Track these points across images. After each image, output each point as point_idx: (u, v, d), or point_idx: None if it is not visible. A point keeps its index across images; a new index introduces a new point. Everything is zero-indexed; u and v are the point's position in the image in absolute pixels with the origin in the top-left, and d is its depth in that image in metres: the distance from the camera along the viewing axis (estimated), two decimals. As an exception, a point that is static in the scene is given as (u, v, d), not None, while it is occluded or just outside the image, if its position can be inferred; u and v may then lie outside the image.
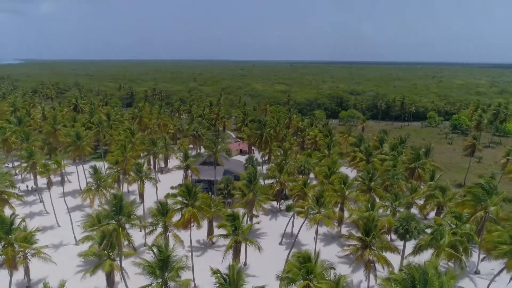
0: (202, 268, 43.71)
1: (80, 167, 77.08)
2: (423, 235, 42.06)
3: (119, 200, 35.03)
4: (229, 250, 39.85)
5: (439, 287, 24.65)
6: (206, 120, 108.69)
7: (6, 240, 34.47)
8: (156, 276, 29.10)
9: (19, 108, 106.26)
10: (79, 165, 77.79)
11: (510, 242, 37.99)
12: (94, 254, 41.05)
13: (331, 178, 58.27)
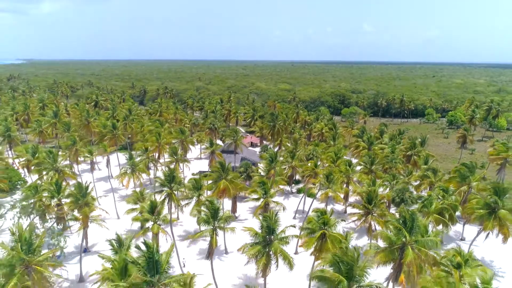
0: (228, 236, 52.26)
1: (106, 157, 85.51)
2: (416, 204, 50.72)
3: (172, 172, 43.75)
4: (259, 210, 48.51)
5: (423, 226, 33.31)
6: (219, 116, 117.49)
7: (83, 200, 43.16)
8: (209, 223, 37.89)
9: (47, 104, 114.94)
10: (105, 156, 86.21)
11: (486, 207, 46.61)
12: (144, 219, 49.70)
13: (337, 163, 66.96)
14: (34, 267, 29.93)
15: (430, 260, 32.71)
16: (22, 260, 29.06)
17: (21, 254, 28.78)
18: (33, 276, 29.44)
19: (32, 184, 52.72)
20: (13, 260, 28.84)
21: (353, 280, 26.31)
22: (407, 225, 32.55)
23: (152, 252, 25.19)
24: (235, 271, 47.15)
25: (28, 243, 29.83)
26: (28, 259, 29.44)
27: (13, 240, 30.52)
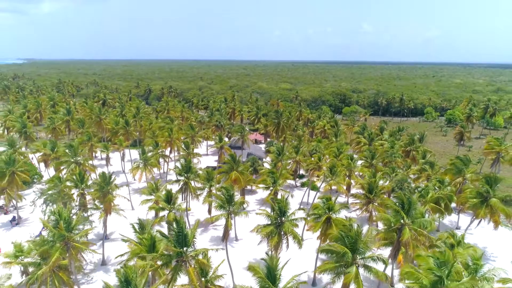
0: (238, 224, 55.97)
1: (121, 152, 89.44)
2: (414, 194, 54.26)
3: (189, 162, 47.42)
4: (270, 197, 52.28)
5: (419, 213, 36.96)
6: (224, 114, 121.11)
7: (107, 188, 46.86)
8: (224, 208, 41.63)
9: (58, 103, 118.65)
10: (121, 150, 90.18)
11: (478, 196, 50.25)
12: (160, 208, 53.32)
13: (339, 157, 70.62)
14: (72, 244, 33.60)
15: (425, 240, 36.34)
16: (62, 237, 32.72)
17: (62, 231, 32.41)
18: (71, 252, 33.07)
19: (55, 175, 56.41)
20: (55, 237, 32.47)
21: (356, 252, 29.96)
22: (405, 208, 36.21)
23: (182, 227, 28.81)
24: (246, 255, 50.78)
25: (68, 222, 33.49)
26: (68, 236, 33.11)
27: (54, 220, 34.12)
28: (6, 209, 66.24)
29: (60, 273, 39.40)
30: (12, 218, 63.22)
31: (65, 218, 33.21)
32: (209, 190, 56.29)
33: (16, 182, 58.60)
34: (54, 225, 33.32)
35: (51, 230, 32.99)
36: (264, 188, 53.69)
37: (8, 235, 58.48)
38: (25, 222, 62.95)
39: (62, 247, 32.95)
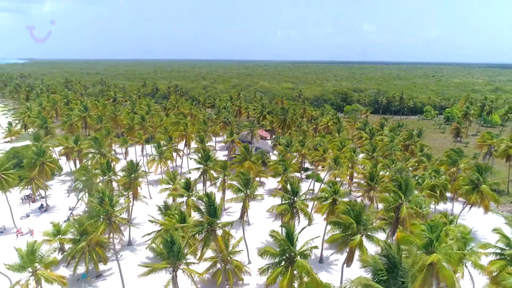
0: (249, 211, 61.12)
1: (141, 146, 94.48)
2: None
3: (208, 152, 52.48)
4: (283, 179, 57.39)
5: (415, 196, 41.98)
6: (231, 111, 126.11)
7: (135, 175, 51.93)
8: (242, 191, 46.70)
9: (71, 100, 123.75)
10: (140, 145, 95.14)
11: (470, 183, 55.21)
12: (179, 195, 58.31)
13: (342, 150, 75.61)
14: (113, 218, 38.62)
15: (420, 218, 41.32)
16: (106, 212, 37.74)
17: (107, 207, 37.44)
18: (113, 225, 38.07)
19: (82, 165, 61.53)
20: (100, 212, 37.47)
21: (360, 223, 34.96)
22: (402, 188, 41.22)
23: (213, 201, 33.84)
24: (258, 238, 55.77)
25: (110, 199, 38.51)
26: (111, 211, 38.16)
27: (99, 197, 39.15)
28: (34, 198, 71.39)
29: (97, 248, 44.64)
30: (40, 205, 68.42)
31: (108, 196, 38.22)
32: (223, 179, 61.36)
33: (45, 172, 63.69)
34: (99, 202, 38.33)
35: (96, 206, 37.99)
36: (275, 175, 58.69)
37: (38, 220, 63.65)
38: (52, 209, 68.12)
39: (106, 221, 37.98)
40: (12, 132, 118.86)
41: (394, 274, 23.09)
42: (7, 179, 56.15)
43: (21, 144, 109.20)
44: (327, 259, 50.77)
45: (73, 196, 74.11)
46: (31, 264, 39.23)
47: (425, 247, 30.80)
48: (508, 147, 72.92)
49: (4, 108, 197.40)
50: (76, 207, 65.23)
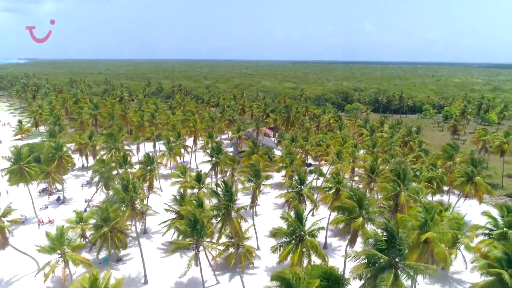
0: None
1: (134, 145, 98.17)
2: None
3: (219, 145, 56.08)
4: (288, 175, 60.95)
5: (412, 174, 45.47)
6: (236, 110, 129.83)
7: (151, 167, 55.54)
8: (252, 181, 50.29)
9: (80, 99, 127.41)
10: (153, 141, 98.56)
11: (465, 175, 58.73)
12: (190, 186, 61.80)
13: (344, 146, 79.17)
14: (137, 204, 42.18)
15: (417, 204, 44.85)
16: (131, 198, 41.33)
17: (132, 193, 41.04)
18: (136, 210, 41.60)
19: (99, 158, 65.12)
20: (125, 198, 41.05)
21: (363, 208, 38.52)
22: (401, 177, 44.80)
23: (229, 186, 37.41)
24: (265, 227, 58.98)
25: (134, 186, 42.08)
26: (135, 197, 41.76)
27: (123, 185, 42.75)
28: (50, 191, 75.00)
29: (118, 234, 48.24)
30: (57, 197, 72.06)
31: (131, 183, 41.83)
32: (232, 172, 64.98)
33: (63, 166, 67.32)
34: (123, 189, 41.92)
35: (121, 193, 41.55)
36: (280, 169, 62.34)
37: (56, 211, 67.25)
38: (69, 201, 71.75)
39: (130, 206, 41.57)
40: (22, 130, 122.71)
41: (393, 244, 26.62)
42: (30, 172, 59.72)
43: (33, 141, 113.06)
44: (331, 245, 54.31)
45: (87, 189, 77.95)
46: (61, 247, 42.85)
47: (420, 227, 34.35)
48: (502, 142, 76.52)
49: (11, 107, 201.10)
50: (92, 199, 68.81)
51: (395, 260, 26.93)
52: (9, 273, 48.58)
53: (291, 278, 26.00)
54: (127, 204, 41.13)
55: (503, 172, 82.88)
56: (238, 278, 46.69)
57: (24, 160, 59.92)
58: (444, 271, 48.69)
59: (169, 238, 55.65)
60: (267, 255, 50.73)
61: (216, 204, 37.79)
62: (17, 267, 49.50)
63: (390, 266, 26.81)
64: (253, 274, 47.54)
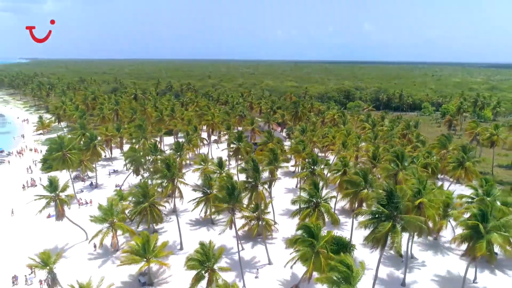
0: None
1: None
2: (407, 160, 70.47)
3: (240, 133, 63.88)
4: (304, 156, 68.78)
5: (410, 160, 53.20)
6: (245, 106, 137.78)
7: (180, 153, 63.34)
8: (272, 164, 58.24)
9: (98, 96, 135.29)
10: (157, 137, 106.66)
11: (456, 161, 66.42)
12: (212, 171, 69.44)
13: (349, 137, 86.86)
14: (177, 180, 49.96)
15: (413, 182, 52.56)
16: (172, 174, 49.12)
17: (174, 169, 48.84)
18: (177, 185, 49.32)
19: (131, 147, 72.96)
20: (167, 175, 48.83)
21: (367, 182, 46.27)
22: (399, 158, 52.55)
23: (256, 163, 45.22)
24: (279, 207, 66.91)
25: (174, 166, 49.85)
26: (175, 174, 49.58)
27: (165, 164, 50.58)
28: (83, 177, 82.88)
29: (155, 209, 56.00)
30: (90, 183, 79.94)
31: (172, 162, 49.64)
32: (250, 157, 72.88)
33: (97, 154, 75.14)
34: (166, 167, 49.73)
35: (164, 171, 49.37)
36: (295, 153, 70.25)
37: (90, 194, 75.08)
38: (101, 186, 79.70)
39: (171, 182, 49.41)
40: (44, 125, 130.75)
41: (391, 200, 34.34)
42: (72, 158, 67.53)
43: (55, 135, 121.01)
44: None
45: (114, 176, 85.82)
46: (111, 217, 50.67)
47: (414, 195, 42.07)
48: (491, 134, 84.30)
49: (25, 105, 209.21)
50: (122, 184, 76.65)
51: (393, 214, 34.68)
52: (62, 242, 56.43)
53: (312, 227, 33.80)
54: (169, 180, 48.88)
55: (493, 162, 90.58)
56: (259, 246, 54.60)
57: (66, 147, 67.67)
58: (436, 240, 56.69)
59: (196, 215, 63.77)
60: (283, 228, 58.80)
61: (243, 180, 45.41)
62: (68, 237, 57.39)
63: (389, 217, 34.57)
64: (272, 244, 55.38)
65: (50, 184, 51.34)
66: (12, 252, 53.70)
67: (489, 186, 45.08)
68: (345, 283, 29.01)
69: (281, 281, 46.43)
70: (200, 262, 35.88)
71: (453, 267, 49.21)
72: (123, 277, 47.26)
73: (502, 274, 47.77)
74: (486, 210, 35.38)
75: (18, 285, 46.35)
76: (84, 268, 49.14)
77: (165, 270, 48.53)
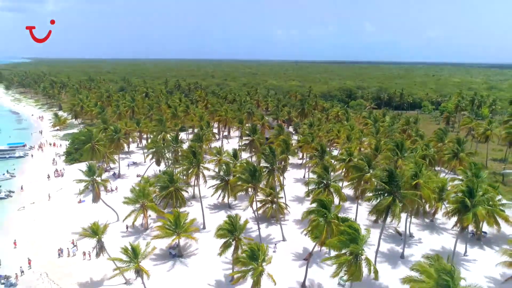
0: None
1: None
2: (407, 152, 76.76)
3: (255, 126, 70.23)
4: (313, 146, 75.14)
5: (409, 152, 59.56)
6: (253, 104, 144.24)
7: (200, 144, 69.76)
8: (284, 152, 64.69)
9: (112, 94, 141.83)
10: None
11: (451, 153, 72.64)
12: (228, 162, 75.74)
13: (352, 132, 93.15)
14: (202, 165, 56.39)
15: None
16: (198, 160, 55.54)
17: (201, 156, 55.25)
18: (201, 170, 55.97)
19: (152, 139, 79.41)
20: (192, 161, 55.24)
21: (371, 166, 52.56)
22: (399, 147, 58.84)
23: (273, 150, 51.52)
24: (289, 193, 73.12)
25: (198, 153, 56.25)
26: (200, 160, 56.00)
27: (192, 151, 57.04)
28: (106, 168, 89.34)
29: (179, 193, 62.37)
30: (113, 173, 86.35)
31: (198, 150, 56.05)
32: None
33: (121, 146, 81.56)
34: (192, 154, 56.16)
35: (190, 157, 55.79)
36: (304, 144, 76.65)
37: (115, 183, 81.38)
38: (123, 176, 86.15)
39: (196, 167, 55.84)
40: (61, 121, 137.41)
41: (392, 178, 40.65)
42: (99, 149, 74.00)
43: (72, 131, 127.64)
44: (344, 206, 68.31)
45: (133, 168, 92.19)
46: (143, 198, 57.07)
47: (412, 177, 48.36)
48: (485, 129, 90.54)
49: (37, 103, 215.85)
50: (144, 174, 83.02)
51: (393, 190, 41.00)
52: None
53: (325, 200, 40.19)
54: (194, 165, 55.32)
55: (487, 156, 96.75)
56: (273, 226, 61.06)
57: (94, 139, 74.11)
58: (432, 222, 63.01)
59: (214, 200, 70.13)
60: (293, 212, 65.24)
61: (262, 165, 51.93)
62: (101, 218, 63.47)
63: (390, 193, 40.90)
64: (285, 224, 61.71)
65: (89, 169, 57.74)
66: (55, 230, 60.27)
67: (477, 169, 51.37)
68: (352, 243, 35.31)
69: (295, 254, 52.93)
70: (228, 231, 42.15)
71: (446, 244, 55.50)
72: (155, 251, 53.61)
73: (489, 249, 54.10)
74: (473, 187, 41.66)
75: (63, 257, 52.79)
76: (119, 244, 55.50)
77: (192, 244, 55.06)
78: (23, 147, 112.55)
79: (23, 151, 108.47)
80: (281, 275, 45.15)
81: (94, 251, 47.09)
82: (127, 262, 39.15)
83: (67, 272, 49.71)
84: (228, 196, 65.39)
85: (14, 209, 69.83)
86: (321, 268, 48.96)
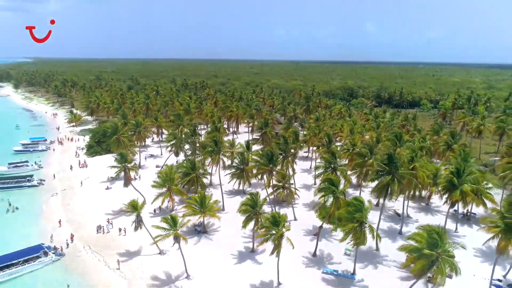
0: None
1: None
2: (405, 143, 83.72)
3: (267, 119, 77.26)
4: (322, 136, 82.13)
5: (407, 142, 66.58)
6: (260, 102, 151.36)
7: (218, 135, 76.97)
8: (295, 143, 71.82)
9: (125, 92, 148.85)
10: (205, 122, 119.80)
11: (446, 145, 79.55)
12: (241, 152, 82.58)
13: (355, 127, 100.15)
14: (222, 153, 63.63)
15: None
16: (219, 148, 62.61)
17: (223, 143, 62.29)
18: (222, 157, 62.98)
19: (171, 132, 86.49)
20: (214, 149, 62.31)
21: (373, 153, 59.59)
22: (398, 138, 65.83)
23: (286, 138, 58.46)
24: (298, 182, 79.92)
25: (220, 142, 63.37)
26: (222, 148, 63.05)
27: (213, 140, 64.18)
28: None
29: (200, 179, 69.31)
30: (134, 164, 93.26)
31: (218, 138, 63.12)
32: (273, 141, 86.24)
33: (143, 138, 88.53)
34: (214, 143, 63.21)
35: (212, 146, 62.85)
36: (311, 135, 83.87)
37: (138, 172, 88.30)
38: (143, 167, 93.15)
39: (217, 155, 62.93)
40: (77, 118, 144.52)
41: (391, 160, 47.62)
42: (124, 140, 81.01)
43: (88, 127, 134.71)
44: (348, 192, 75.11)
45: (151, 160, 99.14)
46: (170, 183, 64.01)
47: (409, 162, 55.33)
48: (479, 124, 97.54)
49: (49, 101, 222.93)
50: (163, 165, 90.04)
51: (392, 170, 47.99)
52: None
53: (334, 178, 47.25)
54: (216, 153, 62.40)
55: (481, 150, 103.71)
56: (284, 209, 67.78)
57: (120, 131, 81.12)
58: (428, 205, 69.99)
59: (230, 187, 77.02)
60: (301, 197, 72.13)
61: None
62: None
63: (389, 173, 47.91)
64: (295, 207, 68.68)
65: (121, 157, 64.76)
66: (90, 211, 67.47)
67: (466, 155, 58.37)
68: (358, 213, 42.28)
69: (306, 231, 60.04)
70: (250, 206, 49.12)
71: (441, 223, 62.43)
72: (182, 228, 60.60)
73: (476, 227, 61.06)
74: (460, 168, 48.65)
75: (101, 233, 59.91)
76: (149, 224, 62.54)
77: (214, 223, 62.14)
78: (44, 141, 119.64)
79: (45, 145, 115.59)
80: (296, 246, 52.17)
81: (133, 225, 53.91)
82: (167, 230, 46.03)
83: (106, 245, 56.81)
84: (243, 183, 72.27)
85: (48, 195, 76.96)
86: (330, 242, 56.08)
